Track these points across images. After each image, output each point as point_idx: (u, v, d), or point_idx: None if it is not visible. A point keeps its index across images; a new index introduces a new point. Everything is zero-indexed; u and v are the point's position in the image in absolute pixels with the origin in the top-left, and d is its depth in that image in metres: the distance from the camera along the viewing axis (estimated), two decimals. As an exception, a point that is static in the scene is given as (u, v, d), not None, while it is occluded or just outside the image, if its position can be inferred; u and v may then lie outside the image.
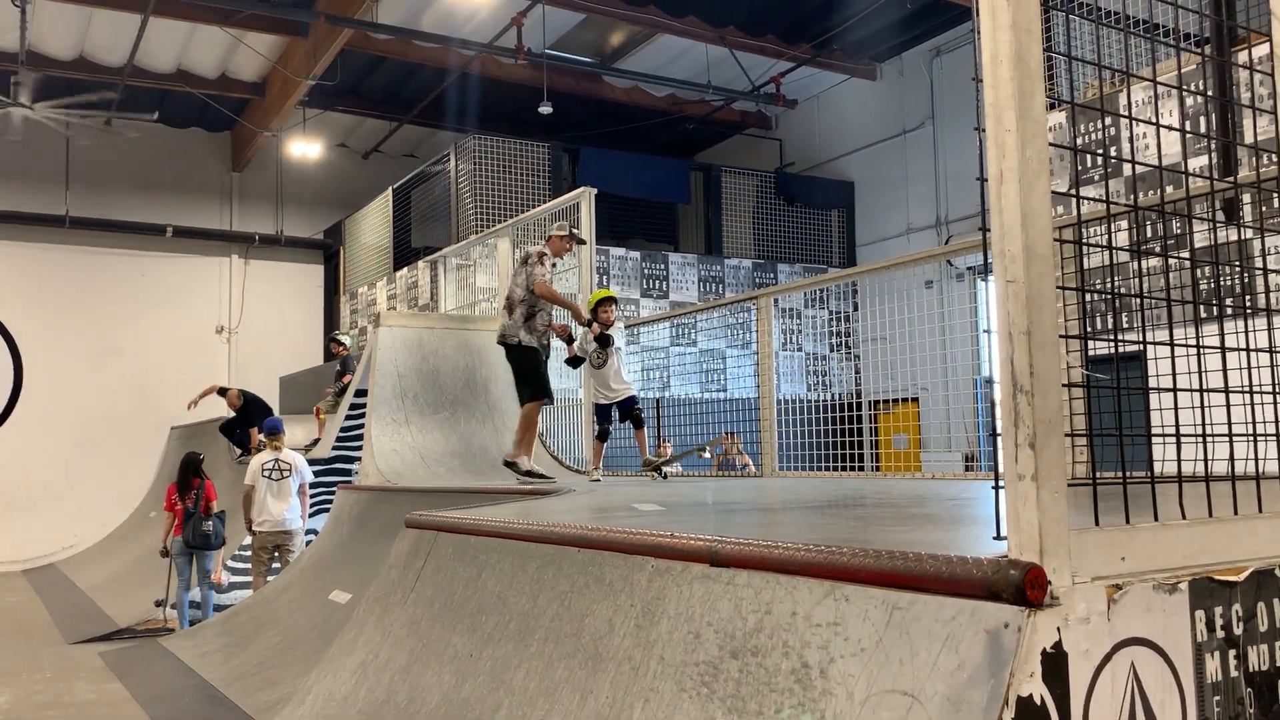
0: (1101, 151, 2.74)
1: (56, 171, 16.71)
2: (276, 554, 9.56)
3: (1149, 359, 2.22)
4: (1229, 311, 2.46)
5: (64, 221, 16.86)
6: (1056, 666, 1.77)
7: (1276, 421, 2.33)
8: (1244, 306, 2.57)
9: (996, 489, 1.94)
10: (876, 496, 4.98)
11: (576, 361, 7.98)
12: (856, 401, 9.94)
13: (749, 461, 9.78)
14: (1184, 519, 2.11)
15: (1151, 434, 2.27)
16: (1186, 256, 2.43)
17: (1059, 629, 1.78)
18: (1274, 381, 2.34)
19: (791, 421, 8.61)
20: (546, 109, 13.83)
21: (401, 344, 9.18)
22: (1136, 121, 2.23)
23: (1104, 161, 2.34)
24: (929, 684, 1.82)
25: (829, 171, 16.78)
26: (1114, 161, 4.58)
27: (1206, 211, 4.73)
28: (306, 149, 17.14)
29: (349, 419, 9.93)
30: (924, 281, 9.61)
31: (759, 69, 15.35)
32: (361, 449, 9.15)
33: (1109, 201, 2.01)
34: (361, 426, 9.31)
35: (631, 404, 7.71)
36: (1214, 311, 2.30)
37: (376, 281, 16.74)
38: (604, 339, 7.66)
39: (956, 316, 8.67)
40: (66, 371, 16.90)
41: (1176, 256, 2.35)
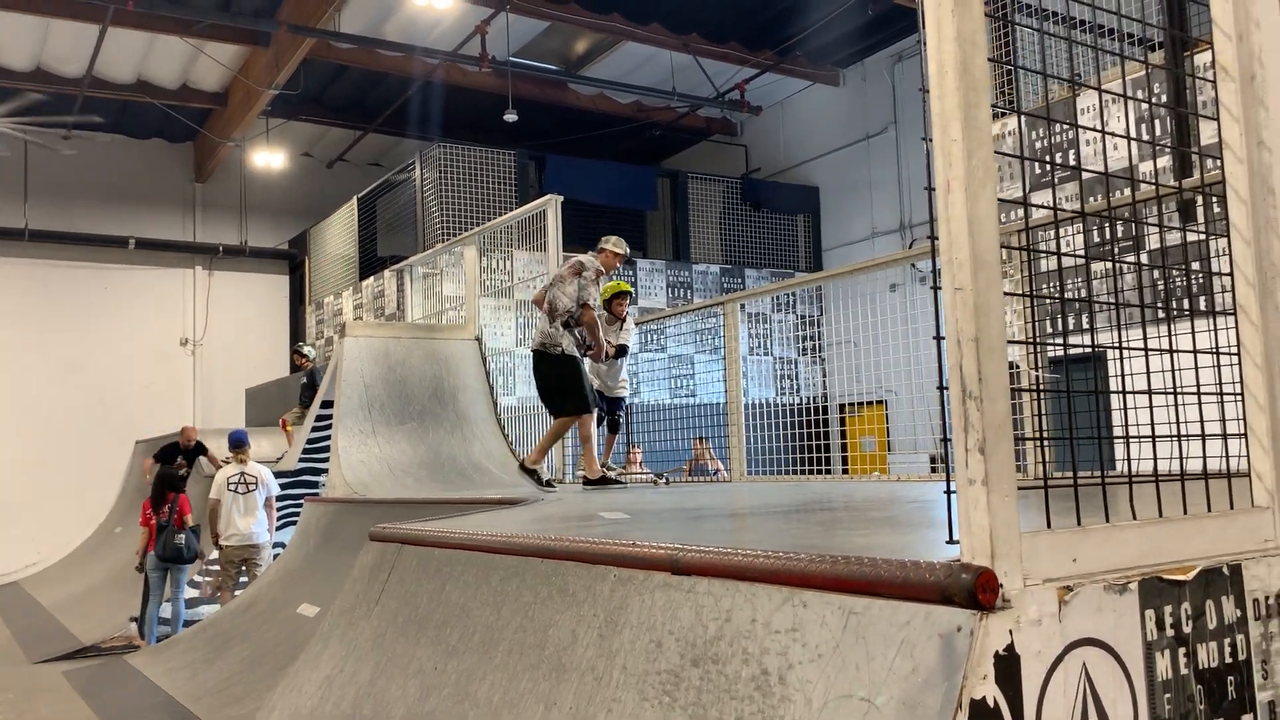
0: (1048, 159, 2.78)
1: (14, 183, 16.49)
2: (244, 568, 9.48)
3: (1108, 359, 2.26)
4: (1175, 314, 2.50)
5: (23, 234, 16.64)
6: (1009, 668, 1.79)
7: (1222, 420, 2.37)
8: (1191, 309, 2.62)
9: (949, 494, 1.97)
10: (843, 500, 5.01)
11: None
12: (825, 405, 9.98)
13: (720, 466, 9.81)
14: (1135, 519, 2.14)
15: (1100, 436, 2.31)
16: (1133, 261, 2.47)
17: (1011, 631, 1.80)
18: (1218, 381, 2.38)
19: (760, 426, 8.65)
20: (512, 117, 13.82)
21: (368, 354, 9.12)
22: (1083, 129, 2.26)
23: (1050, 168, 2.38)
24: (884, 688, 1.84)
25: (794, 177, 16.88)
26: (1071, 167, 4.65)
27: (1163, 215, 4.80)
28: (270, 159, 16.98)
29: (315, 430, 9.85)
30: (889, 285, 9.68)
31: (723, 76, 15.42)
32: (328, 461, 9.08)
33: (1056, 209, 2.05)
34: (328, 438, 9.23)
35: (617, 407, 7.79)
36: (1157, 314, 2.34)
37: (342, 291, 16.63)
38: (621, 349, 7.77)
39: (921, 319, 8.73)
40: (27, 386, 16.66)
41: (1124, 261, 2.39)
